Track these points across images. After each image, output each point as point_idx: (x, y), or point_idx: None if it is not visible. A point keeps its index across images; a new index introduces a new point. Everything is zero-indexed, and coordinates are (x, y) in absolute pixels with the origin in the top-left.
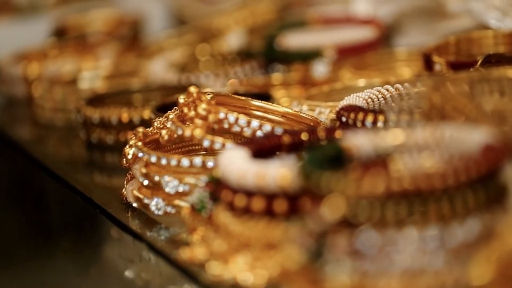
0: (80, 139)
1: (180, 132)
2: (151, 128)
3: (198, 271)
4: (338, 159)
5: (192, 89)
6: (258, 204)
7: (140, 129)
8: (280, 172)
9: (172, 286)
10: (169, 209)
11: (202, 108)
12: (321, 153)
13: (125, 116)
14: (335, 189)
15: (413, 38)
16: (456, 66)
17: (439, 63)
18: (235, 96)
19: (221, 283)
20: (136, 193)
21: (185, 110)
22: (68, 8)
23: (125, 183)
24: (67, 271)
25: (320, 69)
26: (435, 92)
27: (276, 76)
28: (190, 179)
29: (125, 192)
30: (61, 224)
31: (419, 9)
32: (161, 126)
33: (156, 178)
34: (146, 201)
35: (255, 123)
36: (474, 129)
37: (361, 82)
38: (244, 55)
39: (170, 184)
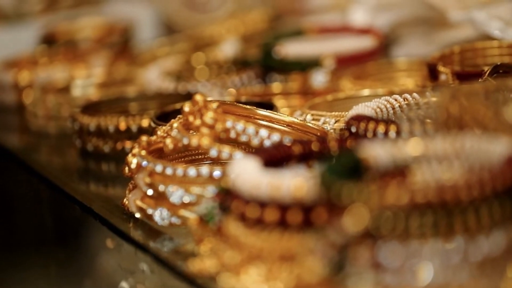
0: (74, 147)
1: (186, 141)
2: (155, 136)
3: (206, 283)
4: (356, 170)
5: (198, 97)
6: (271, 215)
7: (144, 138)
8: (295, 182)
9: None
10: (174, 219)
11: (209, 117)
12: (339, 163)
13: (122, 125)
14: (357, 200)
15: (412, 48)
16: (462, 76)
17: (445, 73)
18: (241, 105)
19: None
20: (139, 203)
21: (191, 118)
22: (56, 16)
23: (127, 192)
24: (62, 282)
25: (319, 78)
26: (453, 102)
27: (275, 86)
28: (196, 189)
29: (127, 202)
30: (55, 234)
31: (417, 18)
32: (165, 135)
33: (161, 188)
34: (149, 211)
35: (263, 132)
36: (495, 139)
37: (365, 91)
38: (240, 64)
39: (175, 194)
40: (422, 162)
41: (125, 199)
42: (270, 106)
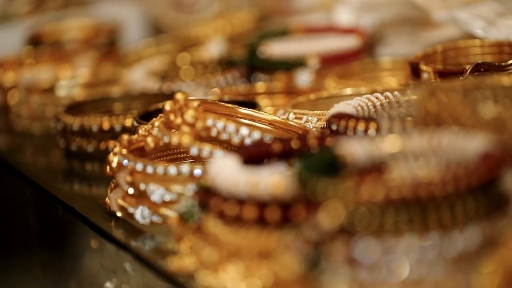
0: (58, 147)
1: (166, 139)
2: (136, 135)
3: (186, 281)
4: (333, 167)
5: (179, 96)
6: (250, 212)
7: (125, 137)
8: (273, 180)
9: None
10: (154, 218)
11: (189, 115)
12: (316, 160)
13: (106, 124)
14: (333, 196)
15: (396, 48)
16: (444, 75)
17: (427, 72)
18: (222, 103)
19: None
20: (120, 202)
21: (172, 117)
22: (42, 17)
23: (108, 191)
24: (46, 283)
25: (303, 78)
26: (431, 99)
27: (260, 85)
28: (176, 188)
29: (108, 201)
30: (39, 234)
31: (403, 18)
32: (146, 133)
33: (142, 187)
34: (131, 210)
35: (244, 130)
36: (472, 136)
37: (348, 90)
38: (225, 64)
39: (156, 193)
40: (399, 159)
41: (107, 198)
42: (253, 105)
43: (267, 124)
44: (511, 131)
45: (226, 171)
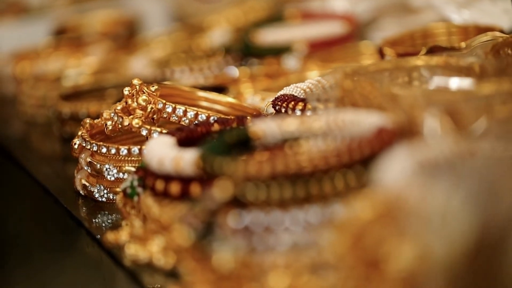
0: (54, 134)
1: (120, 122)
2: (98, 119)
3: (117, 253)
4: (244, 144)
5: (135, 81)
6: (175, 188)
7: (87, 120)
8: (191, 157)
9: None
10: (111, 195)
11: (142, 99)
12: (220, 139)
13: (92, 110)
14: (225, 172)
15: (388, 33)
16: (404, 57)
17: (390, 55)
18: (181, 87)
19: (137, 263)
20: (83, 181)
21: (129, 101)
22: (70, 8)
23: (75, 172)
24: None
25: (291, 62)
26: (346, 80)
27: (244, 70)
28: (129, 167)
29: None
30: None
31: (394, 4)
32: (108, 117)
33: (98, 167)
34: (91, 188)
35: (191, 113)
36: (371, 114)
37: (314, 73)
38: (222, 50)
39: (111, 172)
40: (307, 137)
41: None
42: (222, 89)
43: (226, 106)
44: (403, 109)
45: (157, 149)
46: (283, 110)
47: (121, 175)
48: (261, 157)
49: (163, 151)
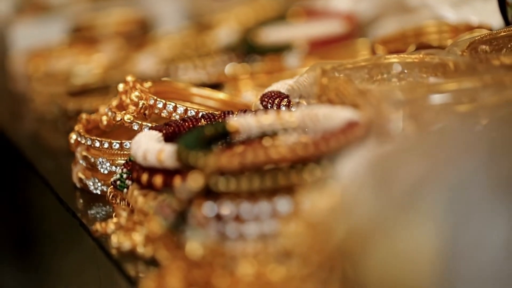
0: (60, 130)
1: (113, 117)
2: (95, 114)
3: (104, 242)
4: (220, 138)
5: (129, 78)
6: (158, 180)
7: (84, 115)
8: (160, 150)
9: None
10: (105, 188)
11: (134, 95)
12: (198, 133)
13: (96, 106)
14: (199, 165)
15: (386, 31)
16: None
17: (381, 53)
18: (176, 84)
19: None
20: (79, 174)
21: (123, 97)
22: (93, 6)
23: (72, 166)
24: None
25: (291, 60)
26: (323, 77)
27: (246, 67)
28: (121, 161)
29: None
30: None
31: (394, 3)
32: (104, 113)
33: (92, 160)
34: (86, 181)
35: (181, 108)
36: (343, 109)
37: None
38: (227, 48)
39: (104, 166)
40: (282, 131)
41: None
42: (218, 86)
43: (218, 102)
44: (372, 104)
45: (143, 143)
46: (269, 106)
47: (114, 168)
48: (235, 150)
49: (148, 145)
